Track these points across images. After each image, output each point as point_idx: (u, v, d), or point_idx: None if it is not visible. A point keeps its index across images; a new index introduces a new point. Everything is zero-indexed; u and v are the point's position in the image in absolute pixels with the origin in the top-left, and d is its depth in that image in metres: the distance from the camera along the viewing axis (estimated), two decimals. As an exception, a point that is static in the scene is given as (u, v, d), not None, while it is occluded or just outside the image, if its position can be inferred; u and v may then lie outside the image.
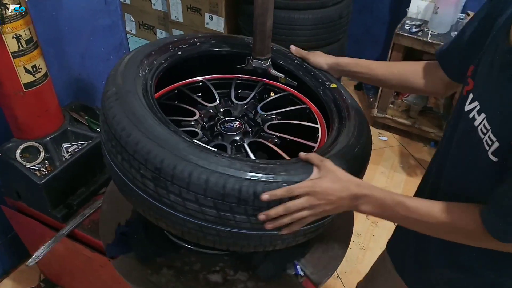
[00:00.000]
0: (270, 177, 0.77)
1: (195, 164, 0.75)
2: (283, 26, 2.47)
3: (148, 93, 0.91)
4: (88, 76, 1.84)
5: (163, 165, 0.75)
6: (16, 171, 1.35)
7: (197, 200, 0.76)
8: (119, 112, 0.82)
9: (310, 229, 0.89)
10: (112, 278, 1.38)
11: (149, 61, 1.01)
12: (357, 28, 3.16)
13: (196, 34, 1.21)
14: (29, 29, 1.20)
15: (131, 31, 3.87)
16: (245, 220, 0.79)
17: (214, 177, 0.75)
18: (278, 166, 0.80)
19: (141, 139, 0.77)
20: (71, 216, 1.42)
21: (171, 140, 0.78)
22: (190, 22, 3.27)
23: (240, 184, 0.75)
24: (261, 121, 1.12)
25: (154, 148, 0.76)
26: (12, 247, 1.87)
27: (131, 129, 0.79)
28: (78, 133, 1.49)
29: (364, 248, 2.15)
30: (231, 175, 0.75)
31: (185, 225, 0.82)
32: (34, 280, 1.89)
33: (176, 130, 0.83)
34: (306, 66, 1.19)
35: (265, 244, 0.88)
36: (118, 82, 0.89)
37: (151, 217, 0.88)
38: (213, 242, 0.86)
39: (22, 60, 1.22)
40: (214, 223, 0.80)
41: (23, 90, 1.27)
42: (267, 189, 0.76)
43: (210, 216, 0.79)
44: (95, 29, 1.79)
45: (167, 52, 1.08)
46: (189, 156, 0.76)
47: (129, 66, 0.95)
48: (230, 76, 1.26)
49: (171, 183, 0.76)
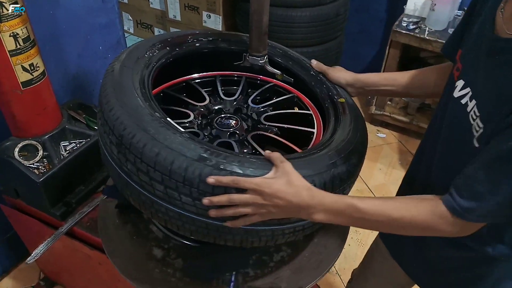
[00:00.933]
0: (220, 164, 0.77)
1: (151, 137, 0.78)
2: (280, 24, 2.47)
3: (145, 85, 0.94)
4: (85, 74, 1.84)
5: (124, 133, 0.80)
6: (14, 170, 1.35)
7: (148, 172, 0.79)
8: (109, 86, 0.89)
9: (264, 232, 0.87)
10: (111, 275, 1.38)
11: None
12: (354, 26, 3.16)
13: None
14: (26, 27, 1.21)
15: (129, 30, 3.87)
16: (190, 202, 0.80)
17: (165, 152, 0.77)
18: (236, 157, 0.80)
19: (116, 108, 0.83)
20: (70, 214, 1.43)
21: (140, 112, 0.83)
22: (188, 20, 3.27)
23: (188, 164, 0.76)
24: (256, 115, 1.12)
25: (122, 116, 0.82)
26: (11, 246, 1.87)
27: (110, 97, 0.86)
28: (76, 131, 1.49)
29: (362, 245, 2.16)
30: (181, 154, 0.77)
31: (140, 198, 0.86)
32: (34, 279, 1.90)
33: (155, 108, 0.87)
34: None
35: (215, 235, 0.87)
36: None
37: (117, 184, 0.92)
38: (164, 221, 0.88)
39: (20, 58, 1.22)
40: (163, 200, 0.82)
41: (21, 89, 1.27)
42: (215, 174, 0.76)
43: (158, 191, 0.81)
44: (92, 27, 1.79)
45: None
46: (148, 128, 0.79)
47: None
48: (212, 73, 1.25)
49: (128, 151, 0.80)
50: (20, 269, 1.95)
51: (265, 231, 0.87)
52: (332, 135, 0.97)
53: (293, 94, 1.19)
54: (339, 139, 0.94)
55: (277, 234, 0.89)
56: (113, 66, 0.95)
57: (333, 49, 2.75)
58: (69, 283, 1.84)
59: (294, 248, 1.12)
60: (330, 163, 0.85)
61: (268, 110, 1.14)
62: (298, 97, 1.17)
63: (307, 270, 1.07)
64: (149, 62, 1.01)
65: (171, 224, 0.88)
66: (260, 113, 1.13)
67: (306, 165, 0.83)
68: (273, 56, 1.20)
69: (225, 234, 0.86)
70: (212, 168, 0.76)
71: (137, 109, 0.83)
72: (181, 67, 1.17)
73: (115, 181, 0.94)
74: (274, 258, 1.08)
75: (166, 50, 1.09)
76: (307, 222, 0.90)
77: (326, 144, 0.92)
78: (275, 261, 1.08)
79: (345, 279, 2.00)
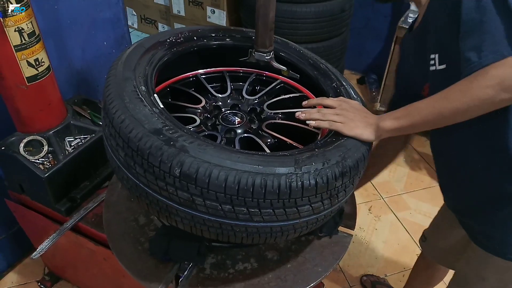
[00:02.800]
0: (171, 141, 0.77)
1: (124, 105, 0.82)
2: (285, 20, 2.46)
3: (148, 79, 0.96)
4: (90, 70, 1.84)
5: (107, 99, 0.86)
6: (19, 165, 1.35)
7: (115, 138, 0.82)
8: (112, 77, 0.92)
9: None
10: (116, 271, 1.39)
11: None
12: (358, 21, 3.15)
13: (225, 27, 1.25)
14: (31, 22, 1.20)
15: (133, 25, 3.87)
16: (142, 173, 0.80)
17: (129, 120, 0.80)
18: (189, 136, 0.80)
19: (114, 96, 0.86)
20: (75, 210, 1.43)
21: (125, 83, 0.88)
22: (192, 16, 3.26)
23: (143, 134, 0.77)
24: (264, 118, 1.12)
25: (111, 85, 0.88)
26: (16, 241, 1.88)
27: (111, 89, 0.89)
28: (81, 127, 1.49)
29: (366, 242, 2.16)
30: (141, 124, 0.79)
31: (112, 163, 0.89)
32: (39, 274, 1.90)
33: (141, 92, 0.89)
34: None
35: (160, 210, 0.86)
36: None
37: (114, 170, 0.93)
38: (128, 189, 0.89)
39: (25, 53, 1.22)
40: (125, 167, 0.84)
41: (26, 84, 1.27)
42: (164, 149, 0.76)
43: (121, 158, 0.83)
44: (96, 22, 1.79)
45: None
46: (125, 97, 0.84)
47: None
48: (250, 70, 1.28)
49: (106, 115, 0.85)
50: (25, 264, 1.95)
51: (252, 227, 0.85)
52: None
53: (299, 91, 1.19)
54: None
55: (264, 232, 0.87)
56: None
57: (338, 45, 2.73)
58: (74, 278, 1.85)
59: (261, 260, 1.09)
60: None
61: (277, 118, 1.13)
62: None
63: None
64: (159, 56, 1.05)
65: (132, 194, 0.89)
66: (268, 118, 1.13)
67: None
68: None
69: (174, 215, 0.84)
70: (163, 143, 0.76)
71: (125, 81, 0.89)
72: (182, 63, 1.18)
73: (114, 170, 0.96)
74: (236, 267, 1.07)
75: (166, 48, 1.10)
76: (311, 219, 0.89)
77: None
78: (236, 270, 1.06)
79: (349, 276, 2.00)
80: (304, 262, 1.09)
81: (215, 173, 0.74)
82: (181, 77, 1.20)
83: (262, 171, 0.76)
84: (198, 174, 0.74)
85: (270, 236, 0.87)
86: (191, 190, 0.76)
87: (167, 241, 1.04)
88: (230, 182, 0.74)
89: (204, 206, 0.78)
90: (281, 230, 0.86)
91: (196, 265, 1.05)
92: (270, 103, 1.16)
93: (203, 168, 0.74)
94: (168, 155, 0.75)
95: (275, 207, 0.79)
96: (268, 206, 0.78)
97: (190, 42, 1.16)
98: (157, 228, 1.14)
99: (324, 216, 0.91)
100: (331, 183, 0.81)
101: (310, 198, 0.81)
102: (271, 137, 1.04)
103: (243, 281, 1.04)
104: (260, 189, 0.75)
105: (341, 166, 0.82)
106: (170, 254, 1.03)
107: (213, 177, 0.74)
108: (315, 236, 1.15)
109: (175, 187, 0.77)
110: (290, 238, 0.93)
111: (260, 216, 0.80)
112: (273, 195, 0.77)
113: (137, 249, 1.09)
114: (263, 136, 1.04)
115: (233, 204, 0.78)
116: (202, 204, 0.78)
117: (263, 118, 1.12)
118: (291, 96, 1.20)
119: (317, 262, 1.09)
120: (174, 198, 0.80)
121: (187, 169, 0.74)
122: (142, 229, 1.14)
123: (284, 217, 0.82)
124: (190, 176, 0.75)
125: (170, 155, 0.75)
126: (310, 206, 0.82)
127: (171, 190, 0.78)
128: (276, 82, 1.24)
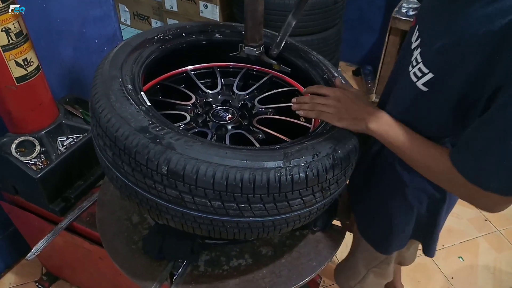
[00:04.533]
0: (158, 138, 0.77)
1: (111, 104, 0.82)
2: (278, 12, 2.44)
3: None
4: (81, 68, 1.82)
5: (93, 98, 0.86)
6: (12, 166, 1.34)
7: (102, 137, 0.82)
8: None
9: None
10: (112, 270, 1.38)
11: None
12: (352, 13, 3.13)
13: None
14: (18, 22, 1.19)
15: (125, 21, 3.84)
16: (130, 172, 0.80)
17: (116, 119, 0.79)
18: (176, 133, 0.80)
19: (100, 95, 0.86)
20: (69, 210, 1.42)
21: (112, 82, 0.88)
22: (185, 11, 3.24)
23: (130, 132, 0.77)
24: (255, 114, 1.11)
25: (98, 84, 0.88)
26: (13, 242, 1.87)
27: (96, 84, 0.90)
28: (73, 126, 1.48)
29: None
30: (127, 122, 0.78)
31: (102, 163, 0.89)
32: (37, 274, 1.91)
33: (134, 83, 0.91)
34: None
35: (149, 208, 0.86)
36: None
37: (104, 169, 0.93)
38: (117, 188, 0.89)
39: (13, 53, 1.20)
40: (112, 166, 0.84)
41: (15, 84, 1.25)
42: (151, 147, 0.76)
43: (109, 157, 0.83)
44: (86, 20, 1.77)
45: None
46: (111, 95, 0.84)
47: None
48: (240, 65, 1.26)
49: (93, 115, 0.85)
50: (23, 264, 1.95)
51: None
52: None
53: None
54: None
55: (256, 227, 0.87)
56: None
57: (332, 37, 2.71)
58: (72, 278, 1.85)
59: (255, 256, 1.09)
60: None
61: (255, 94, 1.14)
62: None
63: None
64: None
65: (122, 193, 0.89)
66: (259, 113, 1.12)
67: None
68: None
69: (164, 213, 0.84)
70: (150, 140, 0.76)
71: (111, 80, 0.88)
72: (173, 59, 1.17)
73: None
74: (230, 263, 1.07)
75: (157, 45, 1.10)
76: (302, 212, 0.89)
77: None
78: (230, 266, 1.06)
79: (347, 268, 2.00)
80: (299, 257, 1.08)
81: (202, 169, 0.74)
82: (171, 74, 1.19)
83: (250, 166, 0.75)
84: (186, 171, 0.74)
85: (262, 231, 0.87)
86: (179, 187, 0.76)
87: (161, 240, 1.04)
88: (218, 178, 0.74)
89: (194, 203, 0.78)
90: (273, 224, 0.86)
91: (190, 262, 1.05)
92: (261, 98, 1.15)
93: (190, 165, 0.73)
94: (154, 153, 0.74)
95: (265, 202, 0.78)
96: (258, 201, 0.78)
97: (179, 39, 1.15)
98: (150, 227, 1.14)
99: (317, 209, 0.90)
100: (322, 176, 0.80)
101: (301, 192, 0.80)
102: (262, 132, 1.03)
103: (237, 277, 1.03)
104: (249, 184, 0.75)
105: (332, 158, 0.82)
106: (164, 252, 1.03)
107: (201, 174, 0.74)
108: (309, 231, 1.15)
109: (163, 185, 0.77)
110: (283, 232, 0.93)
111: (250, 211, 0.79)
112: (262, 190, 0.76)
113: (131, 248, 1.09)
114: (254, 132, 1.03)
115: (223, 200, 0.77)
116: (191, 201, 0.77)
117: (254, 113, 1.11)
118: (282, 91, 1.19)
119: (312, 256, 1.09)
120: (163, 196, 0.79)
121: (174, 166, 0.74)
122: (135, 228, 1.14)
123: (276, 211, 0.81)
124: (178, 173, 0.74)
125: (156, 153, 0.74)
126: (301, 200, 0.82)
127: (160, 188, 0.77)
128: (267, 76, 1.23)
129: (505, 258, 2.11)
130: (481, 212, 2.34)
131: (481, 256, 2.11)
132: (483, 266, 2.06)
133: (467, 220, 2.30)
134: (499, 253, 2.13)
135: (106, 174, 0.92)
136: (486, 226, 2.27)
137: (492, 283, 1.99)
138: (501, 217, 2.33)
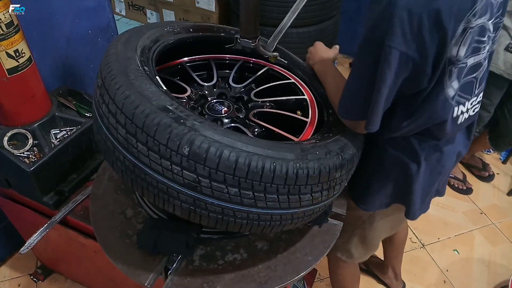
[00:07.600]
0: (181, 119, 0.76)
1: (129, 82, 0.80)
2: (275, 4, 2.41)
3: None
4: (75, 60, 1.80)
5: (108, 75, 0.83)
6: (4, 159, 1.32)
7: (115, 114, 0.79)
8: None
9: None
10: (107, 263, 1.36)
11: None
12: (349, 5, 3.10)
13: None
14: (8, 12, 1.16)
15: (120, 12, 3.79)
16: (145, 152, 0.77)
17: (135, 96, 0.77)
18: (197, 117, 0.79)
19: (117, 72, 0.83)
20: (63, 203, 1.41)
21: (130, 62, 0.86)
22: (180, 1, 3.20)
23: (151, 110, 0.75)
24: (251, 107, 1.10)
25: (112, 61, 0.85)
26: (7, 235, 1.86)
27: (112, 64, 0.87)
28: (66, 119, 1.46)
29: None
30: (148, 100, 0.77)
31: (106, 143, 0.86)
32: (31, 267, 1.90)
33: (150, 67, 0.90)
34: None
35: (159, 194, 0.84)
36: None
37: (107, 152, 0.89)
38: (121, 171, 0.86)
39: (3, 44, 1.18)
40: (122, 146, 0.81)
41: (7, 76, 1.23)
42: (174, 127, 0.75)
43: (121, 136, 0.80)
44: (80, 10, 1.74)
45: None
46: (130, 74, 0.82)
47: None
48: (237, 57, 1.26)
49: (106, 92, 0.82)
50: (17, 258, 1.94)
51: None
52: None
53: (305, 97, 1.16)
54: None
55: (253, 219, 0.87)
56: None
57: (330, 29, 2.69)
58: (66, 271, 1.84)
59: (251, 250, 1.08)
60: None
61: (265, 106, 1.12)
62: (308, 101, 1.14)
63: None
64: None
65: (126, 177, 0.86)
66: (256, 106, 1.10)
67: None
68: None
69: (173, 199, 0.82)
70: (173, 120, 0.74)
71: (127, 60, 0.86)
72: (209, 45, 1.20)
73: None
74: (225, 258, 1.06)
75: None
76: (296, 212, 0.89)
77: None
78: (225, 261, 1.05)
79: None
80: (294, 252, 1.08)
81: (226, 153, 0.73)
82: (166, 65, 1.17)
83: (272, 155, 0.76)
84: (209, 154, 0.73)
85: (268, 225, 0.88)
86: (199, 170, 0.75)
87: (156, 234, 1.03)
88: (241, 164, 0.74)
89: (210, 189, 0.77)
90: (280, 219, 0.87)
91: (185, 257, 1.04)
92: (257, 91, 1.14)
93: (214, 148, 0.73)
94: (177, 133, 0.73)
95: (280, 193, 0.80)
96: (274, 191, 0.79)
97: (188, 34, 1.16)
98: (144, 221, 1.12)
99: (319, 208, 0.93)
100: (332, 173, 0.83)
101: (313, 187, 0.82)
102: (259, 126, 1.02)
103: (232, 271, 1.03)
104: (269, 172, 0.75)
105: (341, 158, 0.86)
106: (158, 247, 1.02)
107: (224, 158, 0.73)
108: (305, 225, 1.14)
109: (181, 167, 0.75)
110: (286, 229, 0.94)
111: (264, 202, 0.80)
112: (280, 180, 0.77)
113: (125, 242, 1.08)
114: (250, 126, 1.02)
115: (240, 187, 0.77)
116: (208, 186, 0.76)
117: (250, 107, 1.10)
118: (279, 83, 1.18)
119: (307, 251, 1.08)
120: (177, 179, 0.77)
121: (197, 148, 0.73)
122: (129, 222, 1.13)
123: (286, 205, 0.83)
124: (200, 155, 0.73)
125: (179, 133, 0.73)
126: (310, 195, 0.84)
127: (176, 170, 0.76)
128: (263, 69, 1.21)
129: (500, 251, 2.12)
130: (476, 205, 2.35)
131: (476, 249, 2.12)
132: (478, 259, 2.07)
133: (462, 213, 2.30)
134: (494, 246, 2.14)
135: (107, 158, 0.89)
136: (481, 219, 2.28)
137: (487, 276, 2.00)
138: (497, 210, 2.34)
